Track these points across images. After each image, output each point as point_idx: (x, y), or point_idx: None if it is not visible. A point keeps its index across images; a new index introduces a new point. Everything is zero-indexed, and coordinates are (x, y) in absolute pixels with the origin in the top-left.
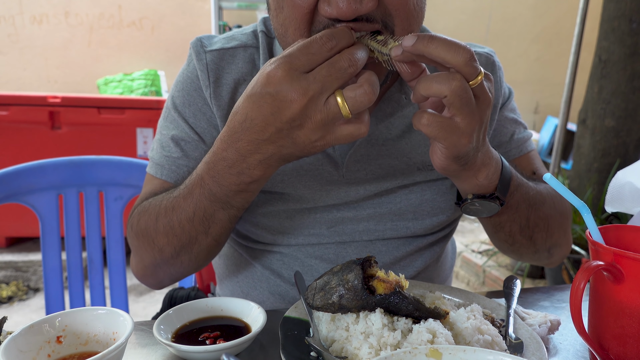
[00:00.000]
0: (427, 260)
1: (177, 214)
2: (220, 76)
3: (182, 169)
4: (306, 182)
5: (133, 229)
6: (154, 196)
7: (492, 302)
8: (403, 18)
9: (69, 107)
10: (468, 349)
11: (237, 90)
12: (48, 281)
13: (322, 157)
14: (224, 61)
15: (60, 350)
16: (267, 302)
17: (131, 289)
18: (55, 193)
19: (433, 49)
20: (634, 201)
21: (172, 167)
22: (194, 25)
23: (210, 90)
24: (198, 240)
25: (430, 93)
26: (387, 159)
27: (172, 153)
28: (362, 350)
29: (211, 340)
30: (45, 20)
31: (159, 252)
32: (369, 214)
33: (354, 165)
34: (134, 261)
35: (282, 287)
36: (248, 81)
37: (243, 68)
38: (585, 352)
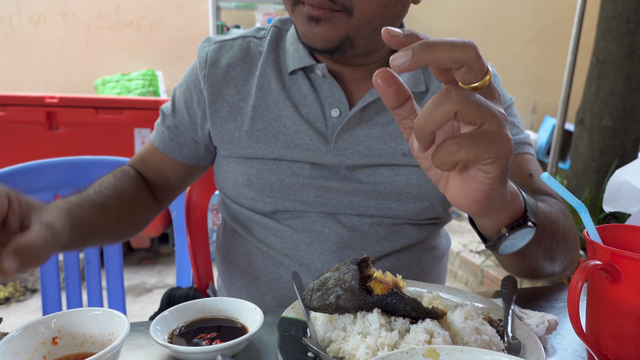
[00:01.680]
0: (407, 242)
1: None
2: (216, 60)
3: (160, 132)
4: (294, 153)
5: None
6: (138, 162)
7: (490, 302)
8: (364, 4)
9: (67, 107)
10: (465, 349)
11: (229, 72)
12: (45, 282)
13: (312, 133)
14: (223, 49)
15: (56, 352)
16: (263, 275)
17: (129, 290)
18: (52, 193)
19: (439, 52)
20: (632, 200)
21: (157, 131)
22: (192, 25)
23: (205, 70)
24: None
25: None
26: (375, 141)
27: (158, 121)
28: (360, 351)
29: (208, 341)
30: (43, 20)
31: None
32: (355, 188)
33: (342, 142)
34: None
35: (275, 258)
36: (240, 65)
37: (237, 54)
38: (583, 351)
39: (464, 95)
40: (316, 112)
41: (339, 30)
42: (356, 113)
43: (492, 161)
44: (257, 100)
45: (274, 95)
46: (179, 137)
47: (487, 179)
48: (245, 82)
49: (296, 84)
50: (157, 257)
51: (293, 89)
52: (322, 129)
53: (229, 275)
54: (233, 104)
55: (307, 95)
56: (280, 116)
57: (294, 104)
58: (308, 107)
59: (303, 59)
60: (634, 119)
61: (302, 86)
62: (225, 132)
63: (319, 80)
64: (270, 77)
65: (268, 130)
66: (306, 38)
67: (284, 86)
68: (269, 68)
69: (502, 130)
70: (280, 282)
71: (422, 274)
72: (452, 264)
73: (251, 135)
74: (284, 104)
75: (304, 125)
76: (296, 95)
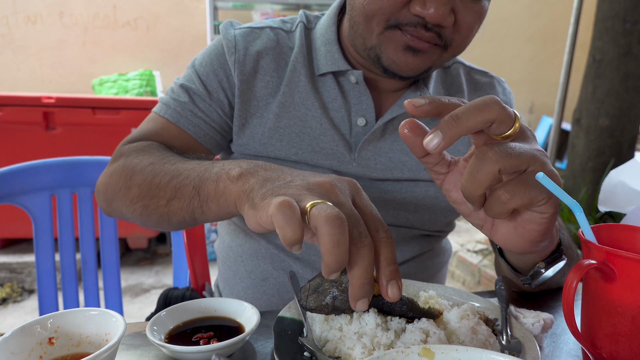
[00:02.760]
0: (418, 251)
1: (169, 168)
2: (247, 47)
3: (187, 112)
4: (319, 159)
5: (122, 156)
6: (154, 135)
7: (485, 301)
8: (464, 38)
9: (64, 107)
10: (461, 348)
11: (258, 61)
12: (41, 283)
13: (338, 139)
14: (251, 36)
15: (52, 352)
16: (271, 278)
17: (126, 290)
18: (49, 194)
19: (467, 122)
20: (627, 200)
21: (177, 108)
22: (189, 25)
23: (236, 56)
24: (155, 202)
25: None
26: (398, 153)
27: (180, 97)
28: (356, 350)
29: (204, 341)
30: (40, 20)
31: (127, 188)
32: (374, 197)
33: (365, 152)
34: (102, 178)
35: (286, 262)
36: (270, 55)
37: (267, 43)
38: (578, 350)
39: (501, 152)
40: (342, 118)
41: (430, 61)
42: (382, 124)
43: (546, 201)
44: (284, 97)
45: (302, 94)
46: (214, 121)
47: (543, 218)
48: (274, 75)
49: (325, 86)
50: (155, 257)
51: (322, 89)
52: (346, 136)
53: (232, 275)
54: (260, 98)
55: (336, 99)
56: (307, 116)
57: (323, 105)
58: (335, 112)
59: (337, 63)
60: (631, 118)
61: (331, 90)
62: (250, 127)
63: (349, 86)
64: (300, 74)
65: (293, 129)
66: (394, 65)
67: (314, 85)
68: (300, 65)
69: (547, 168)
70: (288, 286)
71: (427, 280)
72: (450, 264)
73: (275, 133)
74: (312, 104)
75: (331, 129)
76: (325, 97)
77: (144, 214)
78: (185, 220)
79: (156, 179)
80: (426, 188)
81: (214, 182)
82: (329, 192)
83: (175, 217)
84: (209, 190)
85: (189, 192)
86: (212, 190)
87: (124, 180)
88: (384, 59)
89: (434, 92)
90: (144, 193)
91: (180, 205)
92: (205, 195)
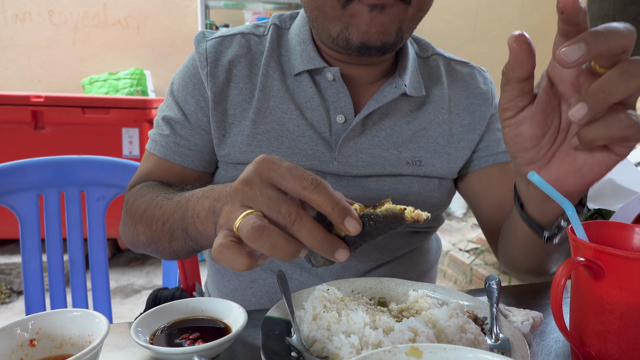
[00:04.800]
0: (406, 248)
1: (159, 213)
2: (218, 58)
3: (170, 145)
4: (299, 160)
5: (127, 206)
6: (149, 174)
7: (475, 299)
8: None
9: (53, 106)
10: (449, 347)
11: (231, 70)
12: (28, 284)
13: (317, 138)
14: (222, 46)
15: (34, 354)
16: (259, 279)
17: (117, 291)
18: (36, 193)
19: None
20: (615, 198)
21: (162, 142)
22: (181, 24)
23: (207, 69)
24: (162, 245)
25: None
26: (378, 149)
27: (163, 131)
28: (343, 350)
29: (190, 342)
30: (29, 18)
31: (137, 235)
32: (358, 196)
33: (346, 149)
34: (121, 227)
35: (274, 262)
36: (242, 62)
37: (238, 50)
38: (567, 349)
39: None
40: (320, 117)
41: (396, 20)
42: (360, 120)
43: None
44: (259, 102)
45: (277, 97)
46: (197, 144)
47: (613, 161)
48: (248, 82)
49: (300, 86)
50: (146, 258)
51: (297, 91)
52: (325, 135)
53: (221, 278)
54: (236, 106)
55: (312, 98)
56: (284, 119)
57: (298, 107)
58: (312, 111)
59: (313, 61)
60: None
61: (307, 89)
62: (230, 137)
63: (326, 84)
64: (272, 77)
65: (271, 133)
66: (366, 35)
67: (287, 88)
68: (272, 68)
69: None
70: (277, 287)
71: (417, 279)
72: (442, 263)
73: (253, 139)
74: (288, 107)
75: (309, 129)
76: (300, 98)
77: (159, 254)
78: (191, 253)
79: (153, 226)
80: (409, 184)
81: (194, 227)
82: (238, 195)
83: (182, 252)
84: (195, 233)
85: (180, 234)
86: (197, 233)
87: (132, 229)
88: (353, 37)
89: (411, 82)
90: (149, 239)
91: (180, 245)
92: (194, 236)
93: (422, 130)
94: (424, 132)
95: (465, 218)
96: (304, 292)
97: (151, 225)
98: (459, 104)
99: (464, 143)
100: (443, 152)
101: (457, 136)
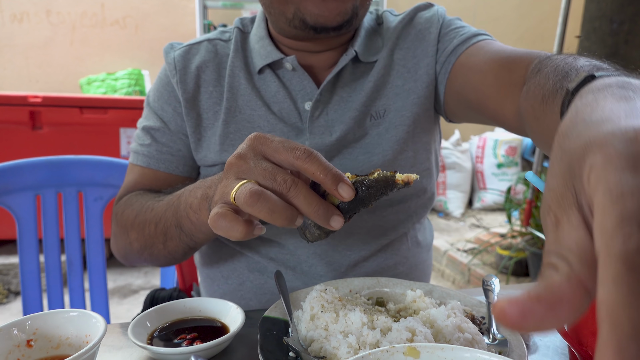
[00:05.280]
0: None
1: (150, 216)
2: (186, 65)
3: (153, 153)
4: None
5: (117, 217)
6: (135, 185)
7: (472, 299)
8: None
9: (50, 106)
10: (446, 346)
11: (199, 76)
12: (26, 284)
13: (288, 130)
14: (190, 54)
15: (31, 354)
16: (247, 281)
17: (115, 291)
18: (33, 194)
19: None
20: None
21: (144, 152)
22: (179, 24)
23: (177, 77)
24: (157, 247)
25: None
26: (347, 115)
27: (144, 141)
28: (341, 350)
29: (188, 342)
30: (26, 18)
31: (130, 244)
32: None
33: (317, 129)
34: (112, 241)
35: (260, 263)
36: (210, 67)
37: (205, 56)
38: (564, 348)
39: None
40: (289, 108)
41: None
42: (325, 91)
43: None
44: (228, 102)
45: (245, 96)
46: (180, 150)
47: None
48: (217, 85)
49: (265, 83)
50: None
51: (263, 87)
52: (298, 124)
53: (210, 282)
54: (208, 109)
55: (278, 92)
56: (253, 116)
57: (265, 103)
58: (280, 104)
59: (271, 54)
60: None
61: (271, 84)
62: (205, 140)
63: (288, 75)
64: (239, 77)
65: (242, 132)
66: (321, 17)
67: (254, 86)
68: (237, 69)
69: None
70: (265, 287)
71: (408, 272)
72: (440, 263)
73: (225, 139)
74: (256, 104)
75: (279, 123)
76: (267, 94)
77: (154, 259)
78: (187, 252)
79: (146, 229)
80: (383, 155)
81: (188, 220)
82: (232, 169)
83: (178, 253)
84: (189, 226)
85: (174, 231)
86: (191, 226)
87: (124, 239)
88: (308, 17)
89: (363, 47)
90: (143, 244)
91: (175, 244)
92: (188, 230)
93: (381, 78)
94: (382, 79)
95: (463, 218)
96: (302, 292)
97: (144, 229)
98: (406, 37)
99: (422, 70)
100: (403, 91)
101: (412, 68)
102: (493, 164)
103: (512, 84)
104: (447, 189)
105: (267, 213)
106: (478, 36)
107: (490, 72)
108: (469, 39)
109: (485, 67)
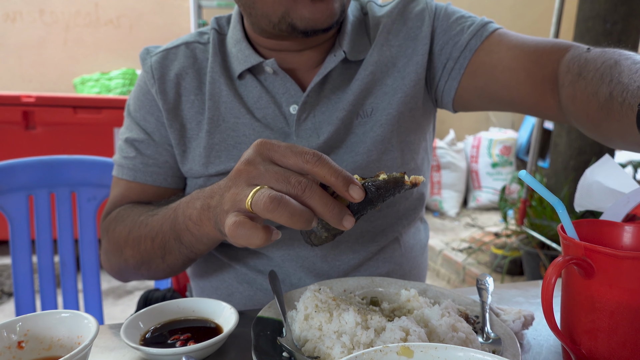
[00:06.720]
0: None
1: (145, 231)
2: (164, 73)
3: (138, 166)
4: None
5: (108, 234)
6: (122, 199)
7: (466, 298)
8: None
9: (44, 106)
10: (440, 346)
11: (179, 84)
12: (18, 285)
13: (276, 136)
14: (167, 60)
15: (22, 356)
16: (236, 292)
17: (109, 292)
18: (26, 194)
19: None
20: (603, 199)
21: (129, 165)
22: (173, 23)
23: (156, 86)
24: (155, 262)
25: None
26: (333, 106)
27: (128, 154)
28: (335, 350)
29: (181, 342)
30: (19, 17)
31: (124, 261)
32: None
33: (304, 132)
34: (104, 259)
35: (249, 275)
36: (189, 74)
37: (184, 62)
38: (558, 346)
39: None
40: (274, 113)
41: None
42: (312, 93)
43: None
44: (210, 111)
45: (227, 103)
46: (167, 161)
47: None
48: (198, 92)
49: (247, 89)
50: None
51: (245, 93)
52: (284, 129)
53: (200, 292)
54: (191, 119)
55: (261, 97)
56: (238, 124)
57: (249, 110)
58: (264, 110)
59: (249, 58)
60: None
61: (253, 89)
62: (190, 151)
63: (270, 79)
64: (219, 83)
65: (227, 142)
66: (312, 21)
67: (236, 92)
68: (217, 74)
69: None
70: (255, 298)
71: (403, 278)
72: (435, 262)
73: (211, 151)
74: (239, 111)
75: (265, 130)
76: (249, 100)
77: (152, 274)
78: (186, 263)
79: (141, 245)
80: (368, 154)
81: (188, 232)
82: (242, 175)
83: (177, 265)
84: (189, 238)
85: (173, 244)
86: (192, 238)
87: (117, 256)
88: (298, 22)
89: (352, 47)
90: (140, 260)
91: (174, 257)
92: (188, 242)
93: (370, 77)
94: (372, 78)
95: (458, 217)
96: (296, 292)
97: (139, 245)
98: (397, 34)
99: (411, 68)
100: (391, 90)
101: (402, 67)
102: (488, 164)
103: (546, 80)
104: (442, 188)
105: (288, 217)
106: (486, 25)
107: (521, 70)
108: (479, 31)
109: (513, 64)
